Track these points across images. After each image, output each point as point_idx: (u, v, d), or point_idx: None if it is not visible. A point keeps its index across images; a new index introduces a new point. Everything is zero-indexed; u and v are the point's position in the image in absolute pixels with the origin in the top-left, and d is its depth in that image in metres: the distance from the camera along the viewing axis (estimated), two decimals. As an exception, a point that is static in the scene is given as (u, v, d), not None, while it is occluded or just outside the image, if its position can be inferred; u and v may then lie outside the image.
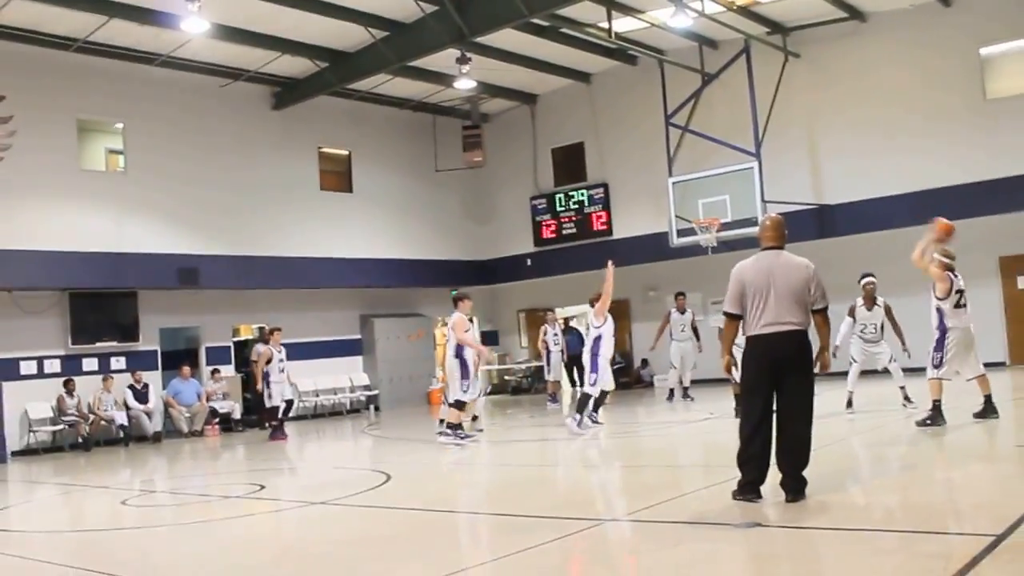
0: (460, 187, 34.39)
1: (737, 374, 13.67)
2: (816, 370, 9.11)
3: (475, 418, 19.28)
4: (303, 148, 29.97)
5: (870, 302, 17.18)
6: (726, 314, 9.25)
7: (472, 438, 17.24)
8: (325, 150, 30.71)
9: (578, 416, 17.49)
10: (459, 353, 16.99)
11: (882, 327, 17.19)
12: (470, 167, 32.18)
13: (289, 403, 23.23)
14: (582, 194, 31.89)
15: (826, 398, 18.85)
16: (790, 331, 8.85)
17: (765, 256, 9.12)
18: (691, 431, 17.41)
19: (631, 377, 31.71)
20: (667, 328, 22.82)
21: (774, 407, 8.96)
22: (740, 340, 9.43)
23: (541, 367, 28.42)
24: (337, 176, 31.14)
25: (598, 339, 17.74)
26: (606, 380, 17.76)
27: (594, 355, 17.68)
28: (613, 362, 26.90)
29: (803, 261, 9.09)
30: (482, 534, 9.53)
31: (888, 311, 17.12)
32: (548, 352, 25.01)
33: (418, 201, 33.07)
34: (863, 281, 17.26)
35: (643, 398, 26.73)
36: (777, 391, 8.92)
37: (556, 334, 24.83)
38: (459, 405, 17.19)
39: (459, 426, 17.29)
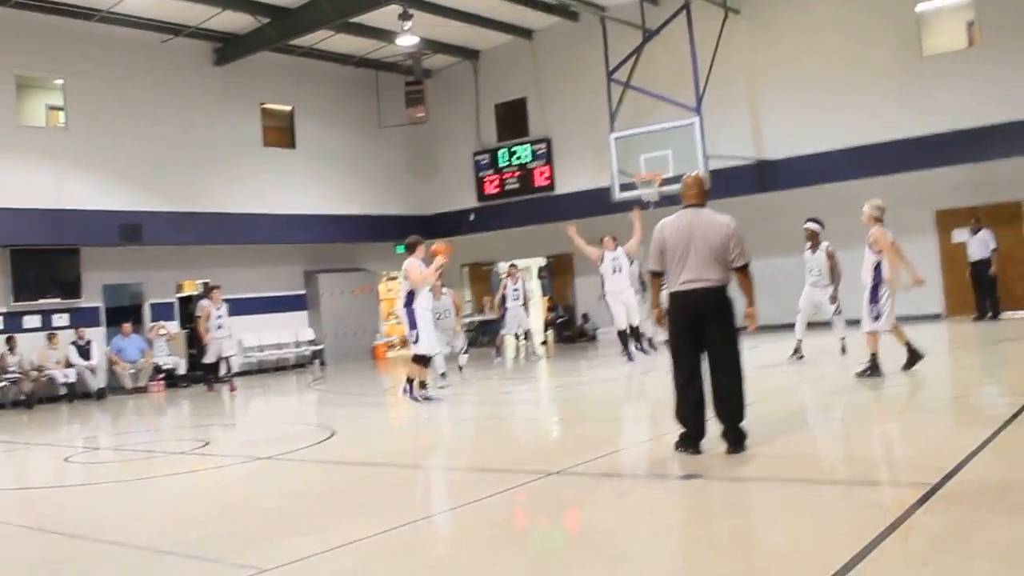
0: (403, 143, 34.11)
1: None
2: (745, 325, 9.14)
3: (443, 375, 18.96)
4: (246, 104, 29.65)
5: (813, 246, 17.45)
6: (650, 272, 9.29)
7: (432, 399, 16.21)
8: (268, 106, 30.35)
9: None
10: (408, 302, 16.17)
11: (830, 274, 17.38)
12: (413, 123, 31.27)
13: (225, 360, 23.33)
14: (525, 149, 31.76)
15: (771, 349, 19.13)
16: (708, 287, 8.87)
17: (686, 214, 9.16)
18: (635, 385, 17.19)
19: (573, 331, 31.76)
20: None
21: (699, 360, 8.95)
22: None
23: (487, 321, 29.46)
24: (280, 132, 30.82)
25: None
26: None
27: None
28: (555, 316, 30.58)
29: (724, 219, 9.06)
30: (427, 488, 9.52)
31: (831, 256, 17.31)
32: (505, 308, 24.54)
33: (361, 157, 32.77)
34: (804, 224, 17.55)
35: (586, 352, 26.54)
36: (703, 346, 8.93)
37: (517, 288, 24.38)
38: (420, 360, 16.25)
39: (422, 384, 16.38)
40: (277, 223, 29.47)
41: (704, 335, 8.82)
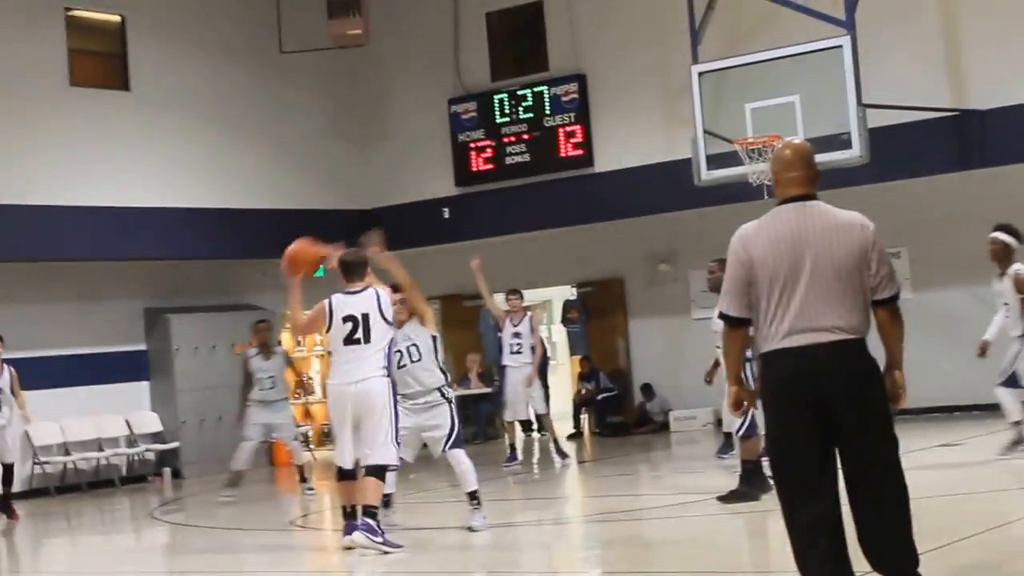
0: (324, 82, 28.20)
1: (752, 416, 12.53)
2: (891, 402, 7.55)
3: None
4: (36, 9, 24.45)
5: (1000, 267, 16.14)
6: (724, 317, 7.54)
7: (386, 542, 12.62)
8: (78, 13, 25.00)
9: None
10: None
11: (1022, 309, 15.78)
12: (341, 46, 25.79)
13: (8, 468, 19.83)
14: (541, 93, 25.86)
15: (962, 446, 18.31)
16: (839, 342, 7.16)
17: (786, 214, 7.33)
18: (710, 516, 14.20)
19: (628, 414, 26.15)
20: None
21: (834, 472, 7.31)
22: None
23: (479, 396, 26.21)
24: (101, 61, 25.50)
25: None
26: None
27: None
28: (594, 390, 27.10)
29: (855, 217, 7.30)
30: None
31: (1018, 283, 15.58)
32: (503, 367, 21.56)
33: (248, 107, 26.63)
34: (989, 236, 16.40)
35: (650, 451, 23.38)
36: (833, 447, 7.31)
37: (519, 333, 21.05)
38: (379, 473, 12.71)
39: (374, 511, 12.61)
40: (95, 224, 24.19)
41: (836, 430, 7.17)
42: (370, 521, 12.45)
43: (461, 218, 26.68)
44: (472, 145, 26.26)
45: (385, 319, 12.50)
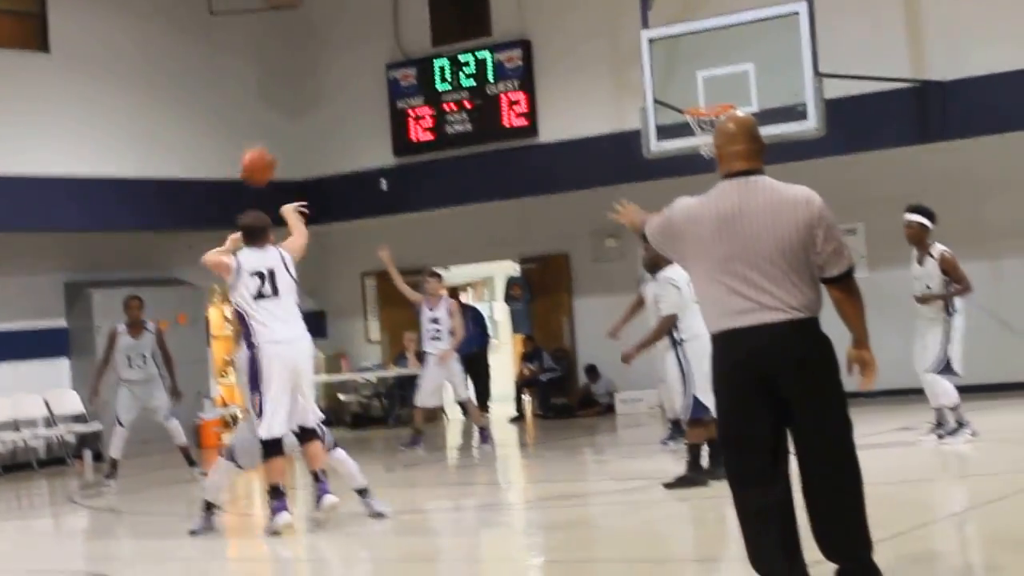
0: (256, 45, 27.53)
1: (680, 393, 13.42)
2: (854, 382, 7.44)
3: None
4: None
5: (919, 250, 16.15)
6: (643, 236, 8.35)
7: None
8: None
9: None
10: (247, 336, 13.04)
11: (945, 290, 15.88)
12: (274, 7, 25.44)
13: None
14: (483, 60, 25.52)
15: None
16: (786, 322, 7.10)
17: (728, 190, 7.36)
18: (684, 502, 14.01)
19: (572, 396, 25.86)
20: (636, 310, 18.22)
21: (786, 457, 7.28)
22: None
23: (411, 377, 24.71)
24: (19, 21, 25.01)
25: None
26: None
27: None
28: (536, 370, 26.94)
29: (799, 192, 7.29)
30: None
31: (947, 264, 15.49)
32: (422, 353, 21.29)
33: (176, 71, 26.04)
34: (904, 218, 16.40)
35: (595, 434, 23.33)
36: (785, 431, 7.30)
37: (437, 319, 20.42)
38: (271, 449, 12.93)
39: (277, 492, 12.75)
40: (12, 194, 23.69)
41: (787, 411, 7.17)
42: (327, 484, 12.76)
43: (399, 189, 26.28)
44: (411, 113, 25.91)
45: (291, 275, 12.94)
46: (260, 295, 12.61)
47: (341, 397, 29.20)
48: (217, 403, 27.39)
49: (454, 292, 24.62)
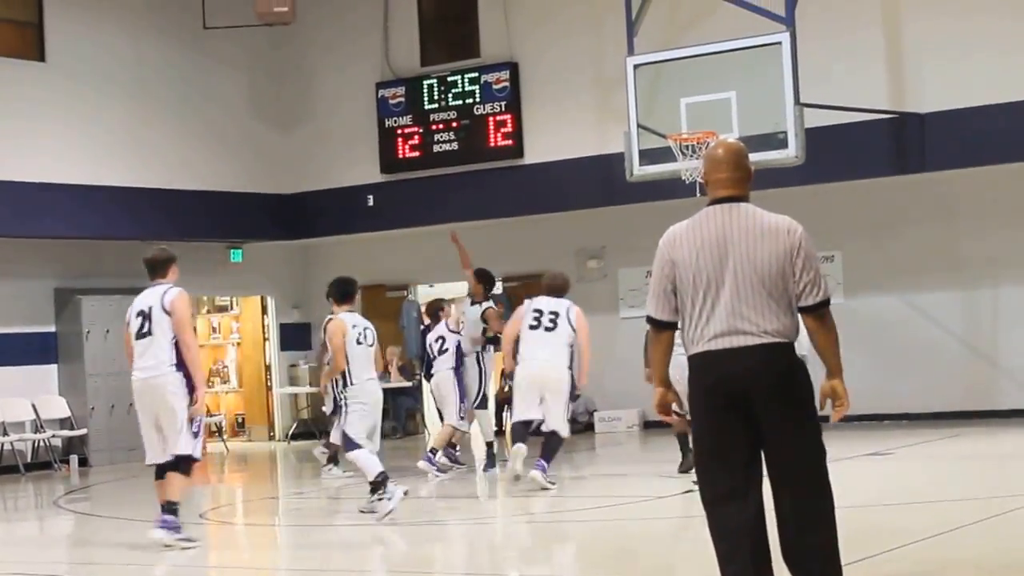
0: (248, 61, 27.92)
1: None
2: (826, 412, 7.39)
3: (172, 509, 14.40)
4: None
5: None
6: (651, 321, 7.56)
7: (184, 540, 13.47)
8: None
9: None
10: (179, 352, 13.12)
11: None
12: (267, 23, 25.26)
13: None
14: (471, 82, 26.08)
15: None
16: (761, 346, 7.17)
17: (713, 216, 7.42)
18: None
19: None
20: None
21: (759, 478, 7.31)
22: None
23: (405, 388, 26.62)
24: (16, 30, 25.21)
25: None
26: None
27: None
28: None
29: (782, 221, 7.35)
30: None
31: None
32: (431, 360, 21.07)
33: (169, 84, 26.40)
34: None
35: (573, 452, 22.38)
36: (759, 452, 7.34)
37: (442, 337, 20.38)
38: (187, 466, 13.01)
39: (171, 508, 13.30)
40: (5, 200, 23.90)
41: (760, 433, 7.18)
42: (170, 517, 12.61)
43: (386, 206, 26.47)
44: (399, 131, 26.14)
45: (165, 311, 12.70)
46: (140, 335, 12.84)
47: (325, 410, 28.94)
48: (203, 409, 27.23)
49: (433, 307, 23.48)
